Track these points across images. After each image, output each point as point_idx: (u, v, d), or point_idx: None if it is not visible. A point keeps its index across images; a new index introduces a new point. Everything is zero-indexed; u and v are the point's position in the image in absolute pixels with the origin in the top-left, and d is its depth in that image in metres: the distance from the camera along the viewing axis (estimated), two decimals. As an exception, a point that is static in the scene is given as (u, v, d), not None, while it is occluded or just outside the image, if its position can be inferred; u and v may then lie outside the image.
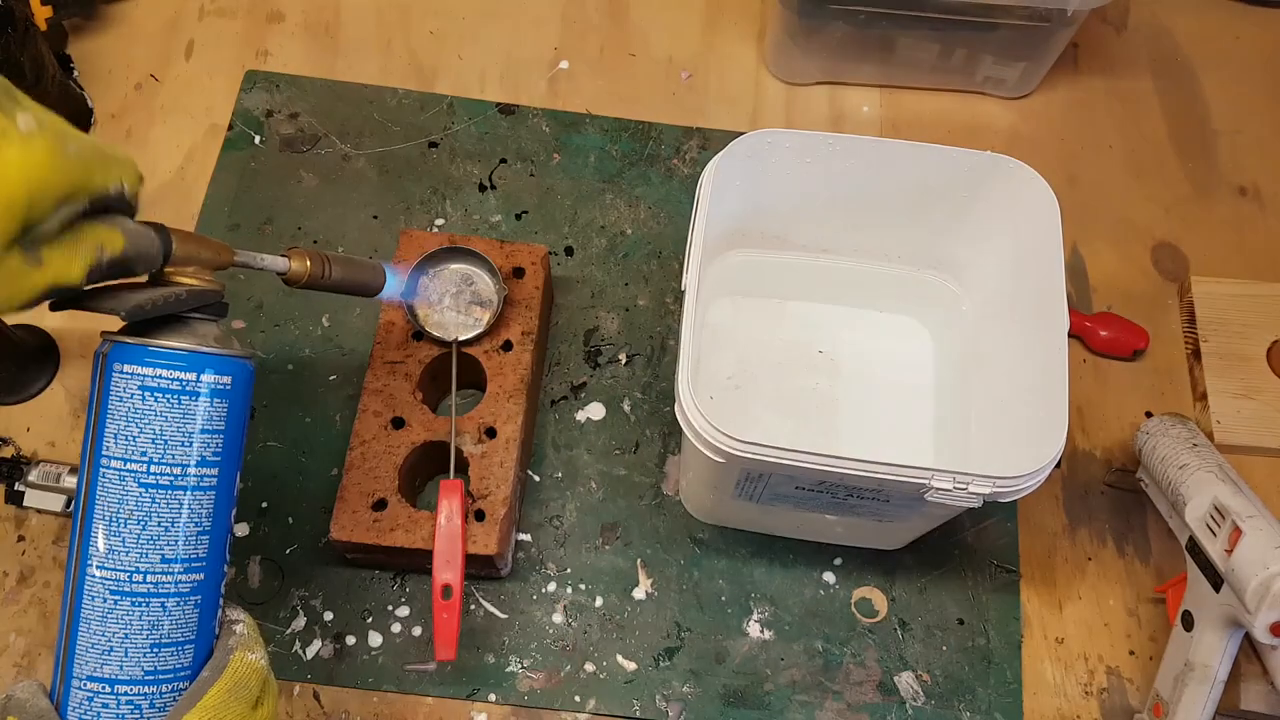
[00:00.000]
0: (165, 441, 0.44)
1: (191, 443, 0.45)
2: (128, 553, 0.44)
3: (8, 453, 0.72)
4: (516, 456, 0.67)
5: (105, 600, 0.44)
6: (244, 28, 0.89)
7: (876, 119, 0.89)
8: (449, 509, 0.64)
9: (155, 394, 0.44)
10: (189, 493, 0.45)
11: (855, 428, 0.75)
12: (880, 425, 0.75)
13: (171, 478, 0.44)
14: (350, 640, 0.68)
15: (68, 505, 0.70)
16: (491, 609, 0.69)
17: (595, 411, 0.76)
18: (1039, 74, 0.88)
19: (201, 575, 0.46)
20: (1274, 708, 0.64)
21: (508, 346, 0.70)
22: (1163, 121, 0.90)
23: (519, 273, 0.73)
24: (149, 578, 0.44)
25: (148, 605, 0.44)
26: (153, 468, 0.44)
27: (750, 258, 0.76)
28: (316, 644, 0.68)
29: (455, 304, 0.71)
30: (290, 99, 0.86)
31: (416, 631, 0.68)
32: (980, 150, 0.66)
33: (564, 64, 0.90)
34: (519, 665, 0.68)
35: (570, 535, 0.72)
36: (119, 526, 0.44)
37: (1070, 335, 0.80)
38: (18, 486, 0.70)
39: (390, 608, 0.69)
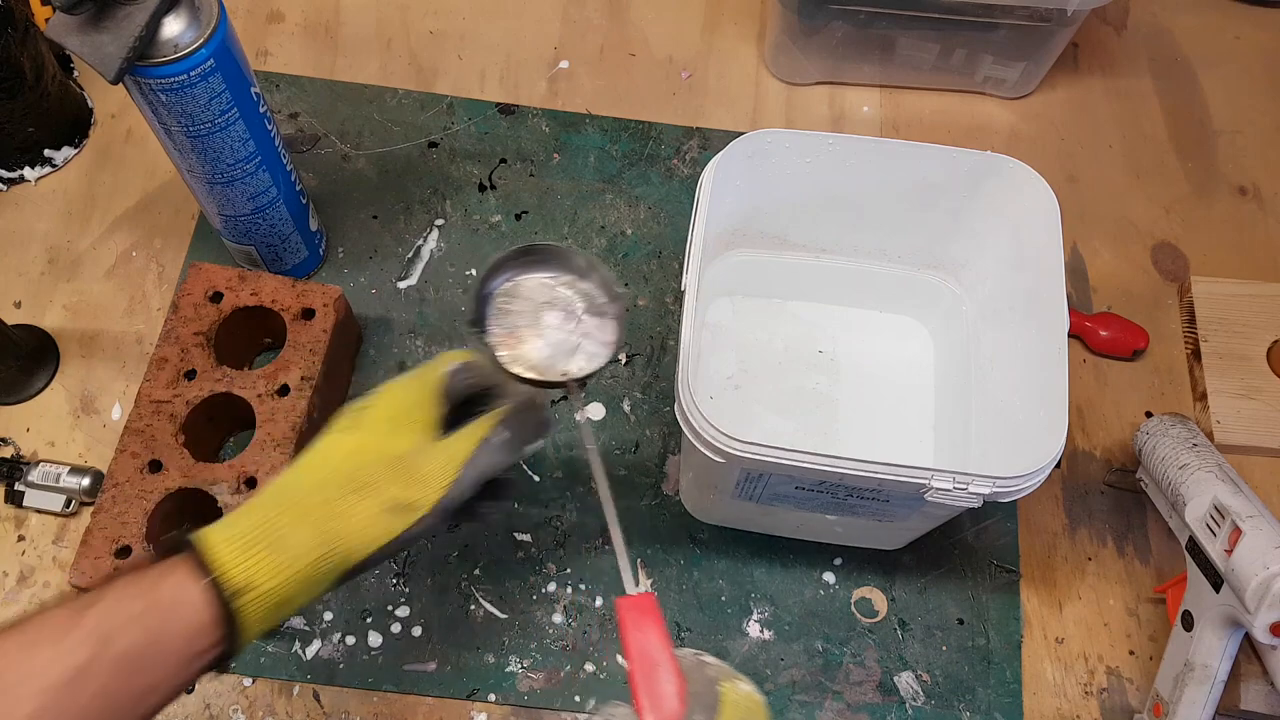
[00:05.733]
0: (193, 112, 0.61)
1: (211, 103, 0.62)
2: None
3: (7, 453, 0.72)
4: None
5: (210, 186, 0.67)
6: (243, 27, 0.89)
7: (876, 119, 0.89)
8: (645, 643, 0.44)
9: (172, 91, 0.60)
10: (226, 129, 0.64)
11: (855, 427, 0.75)
12: (880, 425, 0.75)
13: (211, 125, 0.63)
14: (350, 640, 0.68)
15: (67, 505, 0.70)
16: (491, 609, 0.69)
17: (595, 411, 0.76)
18: (1039, 74, 0.88)
19: (263, 162, 0.67)
20: (1274, 708, 0.64)
21: (284, 391, 0.67)
22: (1163, 121, 0.90)
23: (308, 314, 0.69)
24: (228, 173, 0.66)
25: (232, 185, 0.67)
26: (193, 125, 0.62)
27: (750, 258, 0.76)
28: (316, 644, 0.68)
29: (559, 324, 0.53)
30: (290, 99, 0.86)
31: (416, 632, 0.68)
32: (980, 150, 0.66)
33: (564, 64, 0.90)
34: (519, 665, 0.68)
35: (570, 535, 0.72)
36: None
37: (1070, 335, 0.80)
38: (18, 486, 0.70)
39: (390, 608, 0.69)
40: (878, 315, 0.78)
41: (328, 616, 0.68)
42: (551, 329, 0.53)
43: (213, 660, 0.44)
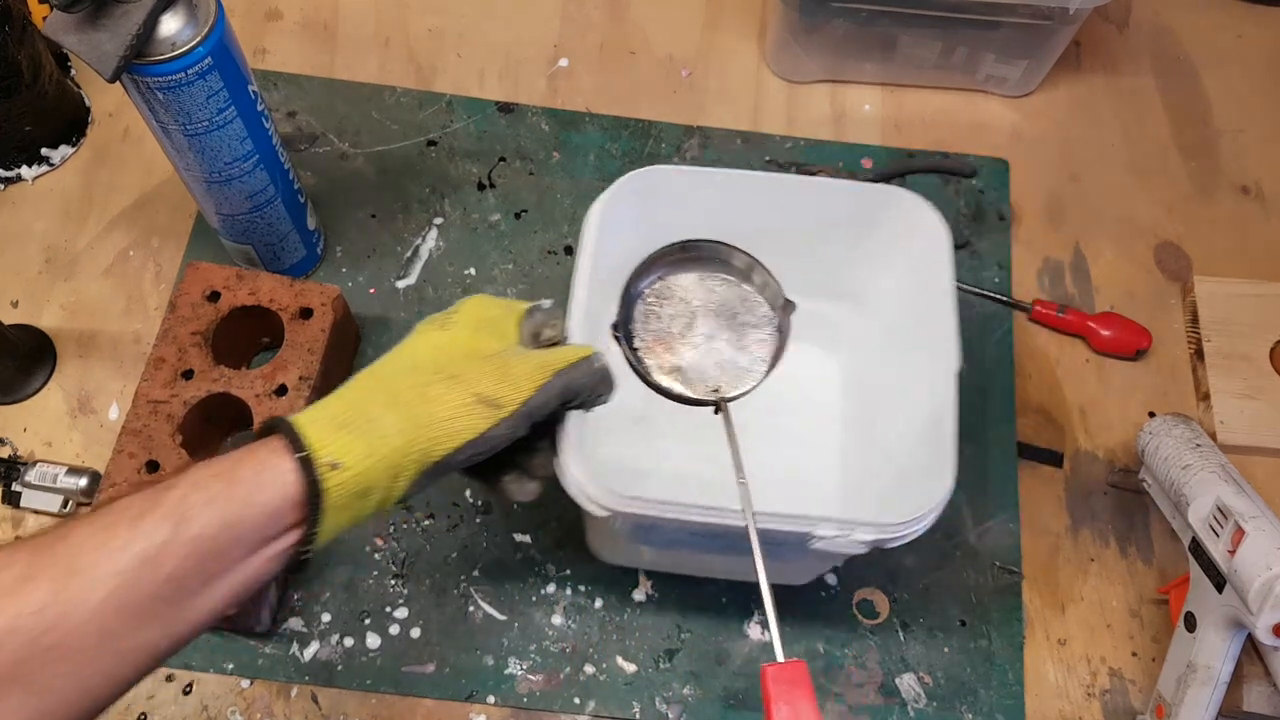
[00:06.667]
0: (190, 110, 0.61)
1: (208, 102, 0.61)
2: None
3: (4, 453, 0.72)
4: None
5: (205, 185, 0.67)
6: (242, 25, 0.89)
7: (878, 117, 0.89)
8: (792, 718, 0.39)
9: (169, 90, 0.60)
10: (223, 128, 0.63)
11: (762, 462, 0.69)
12: (787, 460, 0.71)
13: (208, 124, 0.62)
14: (349, 642, 0.68)
15: (64, 506, 0.69)
16: (490, 610, 0.69)
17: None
18: (1041, 72, 0.88)
19: (260, 161, 0.67)
20: (1277, 709, 0.63)
21: (282, 391, 0.66)
22: (1165, 120, 0.90)
23: (306, 314, 0.69)
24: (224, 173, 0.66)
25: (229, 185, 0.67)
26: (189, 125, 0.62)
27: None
28: (314, 645, 0.67)
29: (711, 332, 0.50)
30: (288, 97, 0.86)
31: (415, 633, 0.68)
32: (874, 183, 0.65)
33: (563, 62, 0.90)
34: (518, 667, 0.67)
35: (570, 536, 0.71)
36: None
37: (1073, 335, 0.80)
38: (15, 487, 0.69)
39: (388, 609, 0.69)
40: (789, 345, 0.76)
41: (325, 618, 0.68)
42: (704, 338, 0.48)
43: (292, 552, 0.44)
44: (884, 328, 0.71)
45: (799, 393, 0.73)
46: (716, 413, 0.49)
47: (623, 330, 0.49)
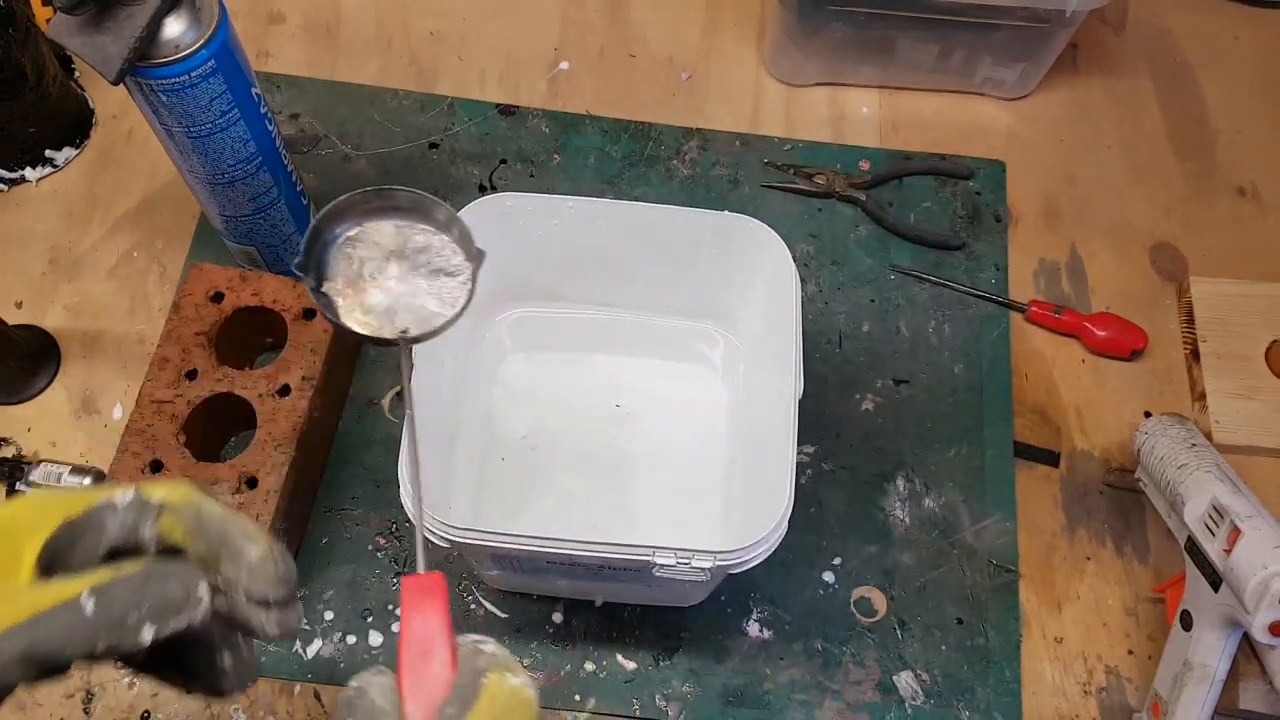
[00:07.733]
0: (194, 112, 0.61)
1: (212, 104, 0.62)
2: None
3: (9, 452, 0.73)
4: (276, 509, 0.63)
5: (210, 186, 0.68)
6: (244, 28, 0.89)
7: (876, 120, 0.89)
8: (424, 626, 0.40)
9: (173, 92, 0.60)
10: (226, 130, 0.64)
11: (649, 485, 0.71)
12: (675, 482, 0.71)
13: (211, 126, 0.63)
14: (351, 640, 0.68)
15: (68, 505, 0.70)
16: (491, 608, 0.69)
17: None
18: (1038, 75, 0.88)
19: (263, 163, 0.67)
20: (1273, 707, 0.64)
21: (285, 391, 0.67)
22: (1161, 122, 0.91)
23: (309, 314, 0.69)
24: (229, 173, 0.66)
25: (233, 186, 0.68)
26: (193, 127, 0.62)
27: (530, 313, 0.74)
28: (317, 643, 0.68)
29: (404, 277, 0.50)
30: (291, 100, 0.87)
31: (417, 631, 0.68)
32: (719, 211, 0.66)
33: (564, 64, 0.90)
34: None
35: (570, 535, 0.72)
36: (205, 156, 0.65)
37: (1069, 335, 0.80)
38: (19, 487, 0.70)
39: (391, 607, 0.69)
40: (676, 366, 0.74)
41: (328, 616, 0.69)
42: (396, 282, 0.49)
43: None
44: (752, 350, 0.71)
45: (690, 412, 0.73)
46: (398, 347, 0.49)
47: (313, 271, 0.49)
